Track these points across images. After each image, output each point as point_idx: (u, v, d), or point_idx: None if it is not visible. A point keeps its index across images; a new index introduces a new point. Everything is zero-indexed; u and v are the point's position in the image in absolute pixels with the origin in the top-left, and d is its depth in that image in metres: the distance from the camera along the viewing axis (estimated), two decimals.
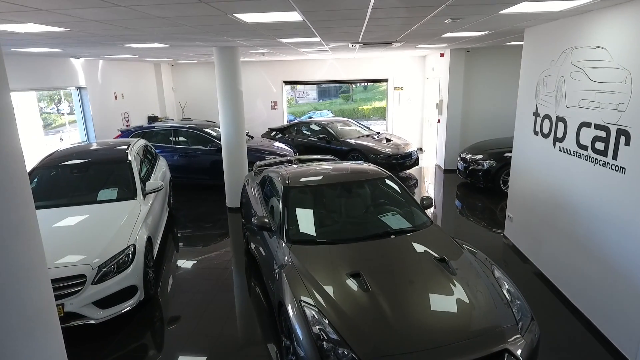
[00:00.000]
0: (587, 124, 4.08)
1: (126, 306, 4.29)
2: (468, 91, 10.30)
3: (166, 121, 12.65)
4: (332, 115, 25.89)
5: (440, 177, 10.46)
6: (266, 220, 4.20)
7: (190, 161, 9.14)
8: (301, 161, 6.78)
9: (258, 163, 6.56)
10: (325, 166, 5.33)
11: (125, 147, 6.23)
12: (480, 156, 8.57)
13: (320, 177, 4.78)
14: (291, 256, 3.66)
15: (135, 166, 5.74)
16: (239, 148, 7.84)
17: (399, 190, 4.70)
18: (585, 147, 4.13)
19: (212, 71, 12.86)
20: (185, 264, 5.93)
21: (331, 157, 6.63)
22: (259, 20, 4.11)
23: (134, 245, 4.44)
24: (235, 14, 3.74)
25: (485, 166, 8.36)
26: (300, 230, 4.13)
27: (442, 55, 10.49)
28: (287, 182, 4.56)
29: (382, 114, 27.69)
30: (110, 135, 10.05)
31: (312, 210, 4.39)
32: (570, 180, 4.44)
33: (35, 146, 9.83)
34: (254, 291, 5.11)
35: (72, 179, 5.57)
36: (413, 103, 13.39)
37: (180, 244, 6.71)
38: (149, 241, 4.93)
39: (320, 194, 4.56)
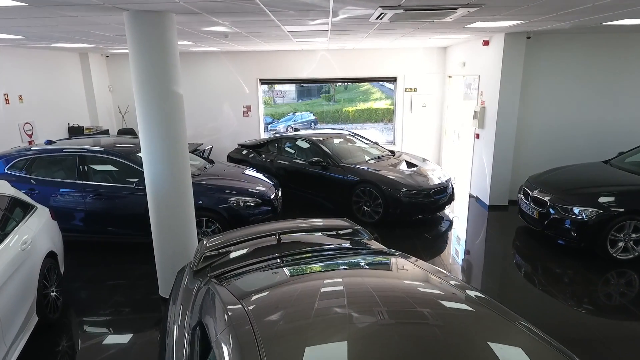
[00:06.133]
0: None
1: None
2: (527, 95, 7.21)
3: (96, 134, 9.13)
4: (314, 117, 22.57)
5: (481, 215, 7.29)
6: None
7: (107, 206, 5.67)
8: (286, 233, 3.40)
9: (207, 244, 3.22)
10: (336, 280, 2.06)
11: None
12: (566, 198, 5.45)
13: None
14: None
15: None
16: (177, 196, 4.42)
17: None
18: None
19: None
20: None
21: (342, 223, 3.37)
22: None
23: None
24: None
25: (584, 217, 5.22)
26: None
27: (485, 43, 7.35)
28: None
29: (369, 116, 24.51)
30: None
31: None
32: None
33: None
34: None
35: None
36: (429, 109, 10.24)
37: None
38: None
39: None
